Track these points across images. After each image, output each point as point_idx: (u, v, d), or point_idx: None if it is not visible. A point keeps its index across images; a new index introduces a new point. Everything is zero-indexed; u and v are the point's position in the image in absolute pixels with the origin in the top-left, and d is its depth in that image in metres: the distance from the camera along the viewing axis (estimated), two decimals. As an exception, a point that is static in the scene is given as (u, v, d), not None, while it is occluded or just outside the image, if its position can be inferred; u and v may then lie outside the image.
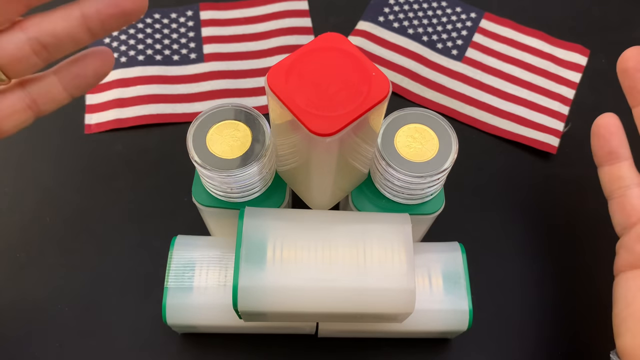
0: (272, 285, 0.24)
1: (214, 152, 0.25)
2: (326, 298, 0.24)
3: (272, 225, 0.25)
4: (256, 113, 0.27)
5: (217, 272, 0.28)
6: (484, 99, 0.41)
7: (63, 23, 0.23)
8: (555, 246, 0.36)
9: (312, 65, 0.22)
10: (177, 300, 0.28)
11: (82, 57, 0.26)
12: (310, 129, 0.20)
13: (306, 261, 0.24)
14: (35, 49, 0.24)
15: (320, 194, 0.27)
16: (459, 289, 0.29)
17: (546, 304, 0.34)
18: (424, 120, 0.27)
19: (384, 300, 0.25)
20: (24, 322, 0.32)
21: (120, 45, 0.42)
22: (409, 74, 0.42)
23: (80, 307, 0.33)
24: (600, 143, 0.30)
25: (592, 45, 0.44)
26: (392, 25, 0.45)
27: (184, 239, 0.30)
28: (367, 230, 0.26)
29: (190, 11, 0.44)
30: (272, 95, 0.21)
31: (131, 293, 0.33)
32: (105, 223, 0.35)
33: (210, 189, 0.27)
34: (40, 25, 0.23)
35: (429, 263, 0.29)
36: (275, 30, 0.44)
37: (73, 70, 0.26)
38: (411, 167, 0.26)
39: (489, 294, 0.34)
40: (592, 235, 0.36)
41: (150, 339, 0.32)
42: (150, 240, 0.35)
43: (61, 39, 0.24)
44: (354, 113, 0.21)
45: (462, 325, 0.29)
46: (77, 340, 0.32)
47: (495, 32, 0.45)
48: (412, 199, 0.28)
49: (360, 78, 0.21)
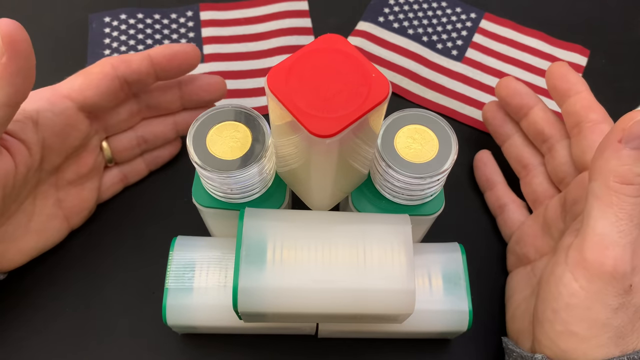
0: (272, 286, 0.24)
1: (214, 153, 0.25)
2: (326, 299, 0.24)
3: (272, 226, 0.25)
4: (256, 114, 0.27)
5: (217, 273, 0.28)
6: (484, 99, 0.41)
7: (161, 126, 0.35)
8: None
9: (312, 66, 0.22)
10: (177, 301, 0.28)
11: (161, 146, 0.36)
12: (310, 130, 0.20)
13: (306, 262, 0.24)
14: (139, 142, 0.35)
15: (320, 195, 0.27)
16: (459, 290, 0.29)
17: (546, 305, 0.34)
18: (424, 121, 0.27)
19: (384, 301, 0.25)
20: (24, 322, 0.32)
21: (121, 46, 0.42)
22: (409, 75, 0.42)
23: (81, 308, 0.33)
24: (479, 173, 0.38)
25: (592, 45, 0.44)
26: (392, 26, 0.45)
27: (184, 240, 0.30)
28: (367, 231, 0.26)
29: (190, 11, 0.44)
30: (272, 96, 0.21)
31: (131, 294, 0.33)
32: (105, 223, 0.35)
33: (210, 190, 0.27)
34: (146, 127, 0.35)
35: (428, 264, 0.29)
36: (276, 30, 0.44)
37: (154, 153, 0.36)
38: (411, 168, 0.26)
39: (489, 294, 0.34)
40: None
41: (150, 340, 0.32)
42: (151, 240, 0.35)
43: (158, 136, 0.35)
44: (354, 114, 0.21)
45: (462, 325, 0.29)
46: (77, 341, 0.32)
47: (495, 32, 0.45)
48: (412, 200, 0.28)
49: (360, 79, 0.21)
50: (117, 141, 0.34)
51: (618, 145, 0.24)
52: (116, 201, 0.36)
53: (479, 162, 0.38)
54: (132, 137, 0.34)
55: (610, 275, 0.24)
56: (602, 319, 0.25)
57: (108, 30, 0.43)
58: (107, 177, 0.35)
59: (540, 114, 0.33)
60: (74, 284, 0.33)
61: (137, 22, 0.43)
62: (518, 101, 0.34)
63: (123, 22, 0.43)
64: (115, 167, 0.35)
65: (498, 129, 0.37)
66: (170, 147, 0.37)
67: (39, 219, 0.31)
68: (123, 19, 0.43)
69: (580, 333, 0.25)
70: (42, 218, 0.31)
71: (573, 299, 0.25)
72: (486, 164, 0.37)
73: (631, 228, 0.25)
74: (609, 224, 0.25)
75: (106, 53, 0.41)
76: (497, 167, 0.37)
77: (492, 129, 0.37)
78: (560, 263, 0.27)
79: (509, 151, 0.36)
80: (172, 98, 0.34)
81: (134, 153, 0.35)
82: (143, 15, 0.43)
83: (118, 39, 0.42)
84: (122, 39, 0.42)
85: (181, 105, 0.35)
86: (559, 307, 0.26)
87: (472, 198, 0.38)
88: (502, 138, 0.37)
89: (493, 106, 0.37)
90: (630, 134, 0.24)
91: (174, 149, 0.37)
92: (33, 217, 0.31)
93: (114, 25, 0.43)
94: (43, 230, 0.32)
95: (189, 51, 0.32)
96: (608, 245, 0.24)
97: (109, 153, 0.34)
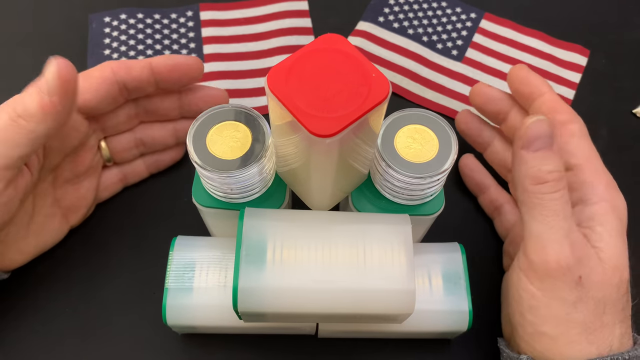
0: (272, 286, 0.24)
1: (214, 153, 0.25)
2: (326, 299, 0.24)
3: (272, 226, 0.25)
4: (256, 114, 0.27)
5: (217, 273, 0.28)
6: (484, 99, 0.41)
7: (161, 131, 0.35)
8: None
9: (312, 66, 0.22)
10: (177, 301, 0.28)
11: (162, 149, 0.36)
12: (310, 130, 0.20)
13: (306, 262, 0.24)
14: (137, 144, 0.35)
15: (320, 194, 0.27)
16: (459, 290, 0.29)
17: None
18: (424, 120, 0.27)
19: (384, 301, 0.25)
20: (24, 322, 0.32)
21: (121, 46, 0.42)
22: (409, 75, 0.42)
23: (81, 307, 0.33)
24: (468, 179, 0.37)
25: (592, 45, 0.44)
26: (392, 26, 0.45)
27: (184, 240, 0.30)
28: (367, 230, 0.26)
29: (190, 11, 0.44)
30: (272, 96, 0.21)
31: (131, 293, 0.33)
32: (105, 223, 0.35)
33: (210, 190, 0.27)
34: (144, 131, 0.34)
35: (429, 264, 0.29)
36: (276, 30, 0.44)
37: (154, 157, 0.36)
38: (411, 168, 0.26)
39: (489, 294, 0.34)
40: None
41: (150, 339, 0.32)
42: (151, 240, 0.35)
43: (157, 140, 0.35)
44: (354, 114, 0.21)
45: (462, 325, 0.29)
46: (77, 341, 0.32)
47: (495, 32, 0.45)
48: (412, 200, 0.28)
49: (360, 79, 0.21)
50: (115, 142, 0.34)
51: (522, 152, 0.26)
52: (116, 201, 0.36)
53: (466, 168, 0.37)
54: (131, 138, 0.34)
55: (556, 271, 0.25)
56: (563, 314, 0.26)
57: (108, 30, 0.43)
58: (106, 176, 0.35)
59: (518, 118, 0.33)
60: (74, 284, 0.33)
61: (137, 22, 0.43)
62: (493, 107, 0.34)
63: (123, 22, 0.43)
64: (114, 167, 0.35)
65: (476, 138, 0.36)
66: (172, 152, 0.36)
67: (38, 218, 0.31)
68: (123, 18, 0.43)
69: (548, 332, 0.26)
70: (41, 217, 0.31)
71: (533, 300, 0.26)
72: (473, 170, 0.37)
73: (560, 222, 0.26)
74: (539, 224, 0.26)
75: (106, 53, 0.41)
76: (485, 170, 0.37)
77: (470, 139, 0.37)
78: (516, 268, 0.28)
79: (492, 158, 0.36)
80: (170, 106, 0.34)
81: (132, 154, 0.35)
82: (143, 15, 0.43)
83: (118, 38, 0.42)
84: (122, 39, 0.42)
85: (179, 113, 0.34)
86: (524, 309, 0.27)
87: (472, 198, 0.38)
88: (482, 146, 0.36)
89: (465, 116, 0.36)
90: (527, 139, 0.26)
91: (176, 154, 0.37)
92: (33, 216, 0.31)
93: (114, 25, 0.43)
94: (43, 229, 0.32)
95: (192, 64, 0.32)
96: (545, 244, 0.26)
97: (107, 153, 0.34)
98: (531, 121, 0.26)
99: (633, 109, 0.41)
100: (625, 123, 0.41)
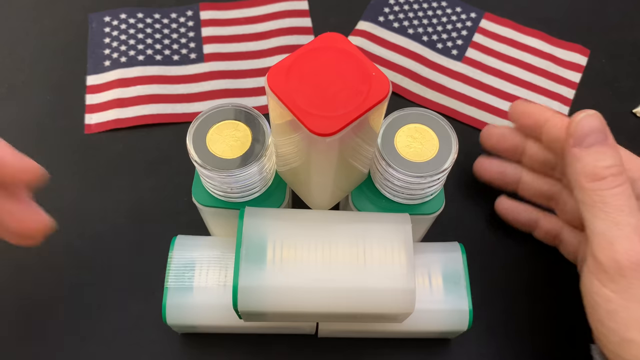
0: (272, 285, 0.24)
1: (214, 152, 0.25)
2: (326, 298, 0.24)
3: (272, 225, 0.25)
4: (256, 113, 0.27)
5: (217, 272, 0.28)
6: (484, 99, 0.41)
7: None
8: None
9: (312, 65, 0.22)
10: (177, 300, 0.28)
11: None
12: (310, 129, 0.20)
13: (306, 261, 0.24)
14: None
15: (320, 194, 0.27)
16: (459, 289, 0.29)
17: (546, 304, 0.34)
18: (424, 120, 0.27)
19: (384, 300, 0.25)
20: (24, 322, 0.32)
21: (120, 45, 0.42)
22: (409, 74, 0.42)
23: (81, 307, 0.33)
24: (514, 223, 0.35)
25: (592, 45, 0.44)
26: (392, 25, 0.45)
27: (184, 239, 0.30)
28: (367, 230, 0.26)
29: (190, 11, 0.44)
30: (272, 95, 0.21)
31: (131, 293, 0.33)
32: (105, 223, 0.35)
33: (210, 189, 0.27)
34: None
35: (429, 263, 0.29)
36: (275, 30, 0.44)
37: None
38: (411, 167, 0.26)
39: (489, 294, 0.34)
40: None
41: (150, 339, 0.32)
42: (150, 240, 0.35)
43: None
44: (354, 113, 0.21)
45: (462, 325, 0.29)
46: (77, 341, 0.32)
47: (495, 32, 0.45)
48: (412, 199, 0.28)
49: (360, 78, 0.21)
50: None
51: (575, 150, 0.25)
52: (116, 201, 0.36)
53: (506, 213, 0.35)
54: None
55: (629, 270, 0.24)
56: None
57: (108, 29, 0.43)
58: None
59: (535, 149, 0.32)
60: (74, 283, 0.33)
61: (137, 21, 0.43)
62: (508, 144, 0.33)
63: (123, 21, 0.43)
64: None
65: (502, 181, 0.34)
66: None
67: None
68: (123, 18, 0.43)
69: (635, 338, 0.24)
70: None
71: (610, 304, 0.25)
72: (514, 211, 0.35)
73: (627, 218, 0.24)
74: (602, 222, 0.25)
75: (106, 53, 0.41)
76: (524, 205, 0.35)
77: (496, 184, 0.35)
78: (586, 272, 0.26)
79: (526, 193, 0.34)
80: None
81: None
82: (143, 14, 0.43)
83: (118, 38, 0.42)
84: (122, 39, 0.42)
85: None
86: (602, 317, 0.25)
87: (473, 197, 0.38)
88: (512, 186, 0.35)
89: (482, 163, 0.35)
90: (578, 136, 0.25)
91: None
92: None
93: (114, 24, 0.43)
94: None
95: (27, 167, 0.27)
96: (612, 241, 0.24)
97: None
98: (580, 117, 0.25)
99: (633, 109, 0.41)
100: (625, 123, 0.41)
